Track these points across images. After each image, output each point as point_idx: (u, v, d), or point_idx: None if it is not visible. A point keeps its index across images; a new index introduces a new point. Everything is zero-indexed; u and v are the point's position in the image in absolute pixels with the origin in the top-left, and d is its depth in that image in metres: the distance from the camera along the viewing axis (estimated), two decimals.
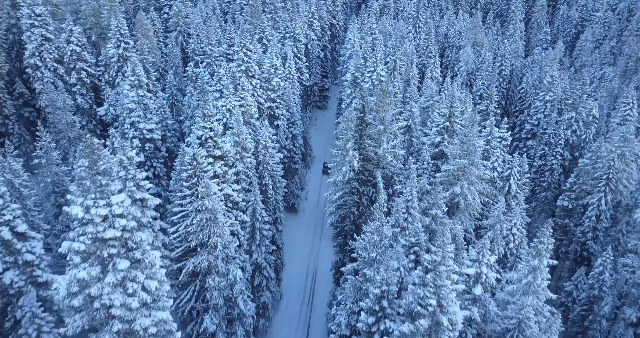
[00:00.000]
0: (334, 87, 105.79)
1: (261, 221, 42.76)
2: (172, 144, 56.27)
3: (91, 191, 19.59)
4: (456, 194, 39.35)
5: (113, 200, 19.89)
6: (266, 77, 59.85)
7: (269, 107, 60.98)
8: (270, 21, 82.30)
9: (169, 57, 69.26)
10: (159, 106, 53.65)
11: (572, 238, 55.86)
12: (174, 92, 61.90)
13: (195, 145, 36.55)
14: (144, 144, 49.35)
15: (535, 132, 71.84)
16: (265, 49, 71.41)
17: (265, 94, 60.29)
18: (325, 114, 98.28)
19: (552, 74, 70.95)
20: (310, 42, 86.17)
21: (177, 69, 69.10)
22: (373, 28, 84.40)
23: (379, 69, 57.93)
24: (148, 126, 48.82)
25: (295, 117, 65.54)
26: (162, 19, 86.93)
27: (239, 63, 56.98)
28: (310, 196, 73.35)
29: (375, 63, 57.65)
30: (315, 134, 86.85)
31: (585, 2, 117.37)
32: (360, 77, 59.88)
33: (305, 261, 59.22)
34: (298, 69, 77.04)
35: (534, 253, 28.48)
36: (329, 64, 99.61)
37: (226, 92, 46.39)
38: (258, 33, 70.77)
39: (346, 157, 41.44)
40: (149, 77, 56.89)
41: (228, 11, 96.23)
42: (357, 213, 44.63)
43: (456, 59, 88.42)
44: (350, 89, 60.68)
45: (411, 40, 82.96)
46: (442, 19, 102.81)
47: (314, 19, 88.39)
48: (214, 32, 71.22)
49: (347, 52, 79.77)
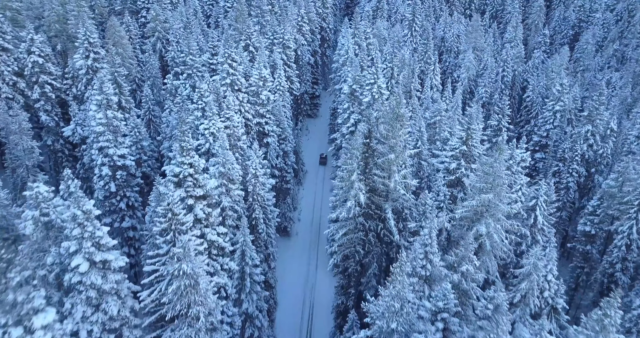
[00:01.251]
0: (325, 93, 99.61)
1: (251, 265, 36.35)
2: (149, 168, 49.50)
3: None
4: (481, 234, 33.35)
5: (35, 324, 13.33)
6: (254, 91, 53.30)
7: (257, 124, 54.48)
8: (257, 26, 75.66)
9: (146, 67, 62.27)
10: (133, 126, 46.82)
11: (594, 264, 50.45)
12: (151, 107, 55.02)
13: (172, 185, 29.97)
14: (115, 172, 42.53)
15: (545, 144, 66.22)
16: (252, 57, 64.76)
17: (254, 109, 53.77)
18: (316, 123, 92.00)
19: (562, 82, 65.38)
20: (300, 48, 79.68)
21: (156, 79, 62.20)
22: (367, 33, 78.15)
23: (380, 81, 51.70)
24: (119, 152, 42.01)
25: (286, 132, 59.09)
26: (140, 23, 79.80)
27: (223, 76, 50.34)
28: (304, 215, 67.05)
29: (375, 75, 51.39)
30: (306, 145, 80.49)
31: (582, 3, 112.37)
32: (358, 90, 53.59)
33: (300, 294, 52.83)
34: (288, 78, 70.58)
35: (598, 328, 22.58)
36: (319, 69, 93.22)
37: (209, 112, 39.75)
38: (244, 40, 64.09)
39: (351, 190, 35.16)
40: (122, 91, 49.98)
41: (211, 14, 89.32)
42: (363, 252, 38.41)
43: (455, 65, 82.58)
44: (347, 103, 54.36)
45: (408, 46, 76.87)
46: (438, 21, 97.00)
47: (304, 23, 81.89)
48: (195, 38, 64.34)
49: (340, 58, 73.45)
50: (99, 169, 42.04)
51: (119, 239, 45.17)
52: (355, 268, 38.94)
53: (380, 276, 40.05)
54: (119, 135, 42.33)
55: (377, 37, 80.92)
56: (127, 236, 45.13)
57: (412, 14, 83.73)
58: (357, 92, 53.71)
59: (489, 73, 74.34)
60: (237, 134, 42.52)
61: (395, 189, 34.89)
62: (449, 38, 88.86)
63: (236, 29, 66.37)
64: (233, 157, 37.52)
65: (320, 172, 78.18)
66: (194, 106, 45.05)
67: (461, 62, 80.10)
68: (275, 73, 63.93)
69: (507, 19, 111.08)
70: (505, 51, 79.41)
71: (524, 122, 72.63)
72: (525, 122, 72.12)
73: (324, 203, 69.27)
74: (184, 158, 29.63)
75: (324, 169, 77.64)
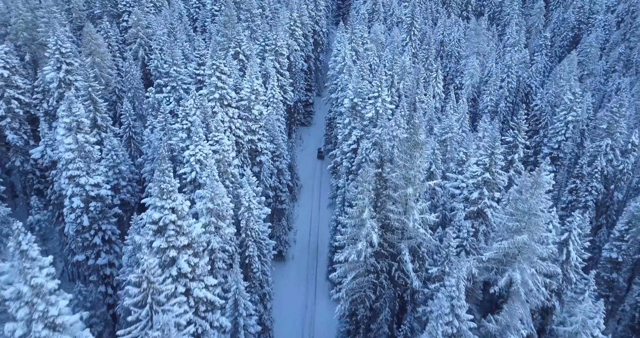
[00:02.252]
0: (318, 99, 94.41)
1: (246, 315, 31.14)
2: (129, 194, 43.97)
3: None
4: (514, 281, 28.41)
5: None
6: (246, 105, 47.91)
7: (249, 141, 49.12)
8: (247, 31, 70.19)
9: (127, 78, 56.52)
10: (110, 149, 41.22)
11: (619, 293, 46.01)
12: (131, 123, 49.43)
13: (150, 233, 24.59)
14: (88, 204, 36.96)
15: (556, 156, 61.65)
16: (242, 66, 59.33)
17: (245, 125, 48.40)
18: (310, 131, 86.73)
19: (574, 91, 60.78)
20: (292, 54, 74.32)
21: (137, 91, 56.51)
22: (364, 37, 73.05)
23: (384, 94, 46.62)
24: (93, 180, 36.44)
25: (280, 148, 53.84)
26: (121, 28, 73.91)
27: (211, 90, 44.90)
28: (300, 234, 61.86)
29: (379, 87, 46.27)
30: (300, 157, 75.21)
31: (582, 4, 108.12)
32: (360, 104, 48.44)
33: (298, 330, 47.58)
34: (281, 87, 65.21)
35: None
36: (312, 75, 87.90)
37: (195, 137, 34.31)
38: (233, 47, 58.57)
39: (362, 229, 29.99)
40: (97, 108, 44.31)
41: (197, 17, 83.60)
42: (374, 296, 33.28)
43: (456, 71, 77.72)
44: (348, 118, 49.15)
45: (408, 51, 71.77)
46: (435, 24, 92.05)
47: (296, 27, 76.48)
48: (180, 46, 58.78)
49: (336, 65, 68.20)
50: (69, 200, 36.45)
51: (95, 277, 39.68)
52: (365, 314, 33.80)
53: (392, 322, 35.03)
54: (92, 161, 36.73)
55: (375, 42, 75.90)
56: (103, 273, 39.58)
57: (410, 17, 78.72)
58: (358, 106, 48.56)
59: (494, 80, 69.59)
60: (227, 159, 37.14)
61: (414, 227, 29.79)
62: (448, 42, 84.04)
63: (225, 35, 60.83)
64: (223, 189, 32.19)
65: (317, 174, 73.30)
66: (178, 126, 39.62)
67: (463, 68, 75.28)
68: (268, 83, 58.62)
69: (505, 20, 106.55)
70: (510, 56, 74.72)
71: (532, 133, 67.85)
72: (533, 132, 67.37)
73: (321, 220, 64.22)
74: (164, 201, 24.27)
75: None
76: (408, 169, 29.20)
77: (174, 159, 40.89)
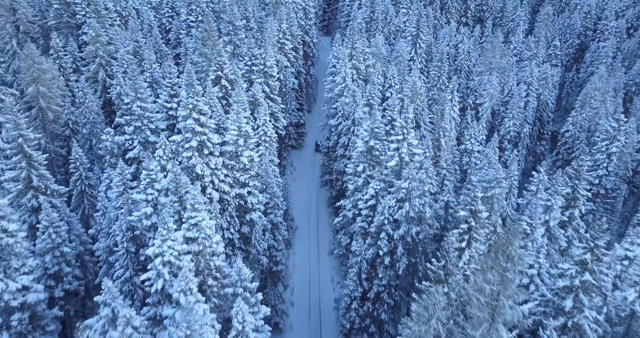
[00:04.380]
0: (309, 116, 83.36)
1: None
2: (77, 281, 32.27)
3: None
4: None
5: None
6: (232, 152, 36.58)
7: (238, 196, 37.81)
8: (229, 46, 58.57)
9: (82, 110, 44.51)
10: (47, 225, 29.46)
11: None
12: (83, 174, 37.72)
13: None
14: (10, 317, 25.31)
15: (597, 193, 51.78)
16: (225, 93, 47.91)
17: (232, 175, 37.09)
18: (301, 155, 75.56)
19: (618, 117, 50.87)
20: (283, 71, 63.01)
21: (95, 126, 44.60)
22: (366, 53, 62.09)
23: (411, 136, 35.77)
24: (14, 285, 24.77)
25: (275, 197, 42.66)
26: (80, 42, 61.48)
27: (187, 136, 33.43)
28: (298, 293, 50.74)
29: (404, 128, 35.40)
30: (293, 187, 63.80)
31: (589, 9, 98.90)
32: (378, 147, 37.51)
33: None
34: (272, 115, 53.97)
35: None
36: (303, 92, 76.65)
37: (162, 228, 22.89)
38: (214, 71, 47.02)
39: None
40: (33, 164, 32.42)
41: (171, 28, 71.53)
42: None
43: (468, 88, 67.28)
44: (362, 164, 38.15)
45: (416, 68, 60.86)
46: (436, 33, 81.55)
47: (286, 40, 65.06)
48: (148, 68, 46.93)
49: (335, 87, 56.99)
50: None
51: None
52: None
53: None
54: (16, 258, 25.07)
55: (376, 57, 65.01)
56: None
57: (415, 28, 67.94)
58: (375, 151, 37.60)
59: (517, 101, 59.32)
60: (211, 248, 25.78)
61: None
62: (455, 54, 73.71)
63: (203, 54, 49.19)
64: (203, 316, 20.97)
65: (312, 206, 62.82)
66: (141, 197, 28.17)
67: (477, 86, 64.87)
68: (257, 112, 47.32)
69: (509, 27, 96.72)
70: (529, 71, 64.66)
71: (563, 162, 57.90)
72: (564, 162, 57.36)
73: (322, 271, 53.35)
74: None
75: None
76: (492, 297, 18.34)
77: (135, 240, 29.43)
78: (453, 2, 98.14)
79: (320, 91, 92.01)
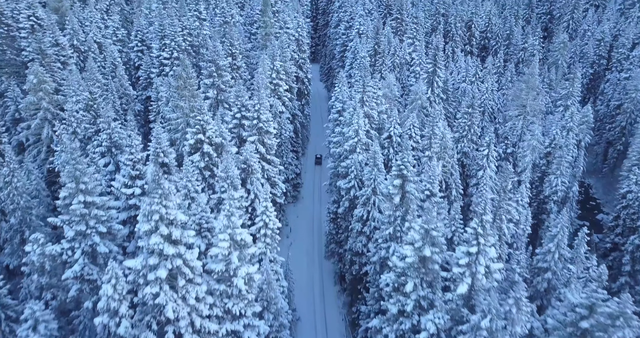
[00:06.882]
0: (303, 160, 71.53)
1: None
2: None
3: None
4: None
5: None
6: (222, 272, 24.02)
7: (230, 333, 25.16)
8: (212, 90, 46.24)
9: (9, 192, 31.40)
10: None
11: None
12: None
13: None
14: None
15: None
16: (208, 163, 35.43)
17: (222, 306, 24.48)
18: (297, 210, 63.48)
19: None
20: (277, 118, 50.88)
21: (26, 213, 31.52)
22: (378, 96, 50.44)
23: (488, 246, 23.78)
24: None
25: (280, 316, 30.12)
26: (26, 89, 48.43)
27: (152, 264, 20.84)
28: None
29: (478, 234, 23.41)
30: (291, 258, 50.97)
31: (602, 37, 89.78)
32: (435, 255, 25.34)
33: None
34: (269, 180, 41.64)
35: None
36: (299, 138, 64.59)
37: None
38: (194, 133, 34.45)
39: None
40: None
41: (141, 65, 58.92)
42: None
43: (497, 135, 55.93)
44: (412, 281, 25.75)
45: (440, 114, 49.11)
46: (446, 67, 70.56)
47: (279, 80, 53.01)
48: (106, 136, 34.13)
49: (346, 142, 44.70)
50: None
51: None
52: None
53: None
54: None
55: (389, 100, 53.52)
56: None
57: (432, 64, 56.65)
58: (434, 263, 25.39)
59: (564, 153, 48.11)
60: None
61: None
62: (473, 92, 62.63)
63: (179, 108, 36.75)
64: None
65: (316, 280, 50.57)
66: None
67: (508, 132, 53.63)
68: (250, 182, 35.04)
69: (520, 56, 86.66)
70: (570, 114, 53.75)
71: (628, 232, 46.28)
72: (629, 230, 45.81)
73: None
74: None
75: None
76: None
77: None
78: (457, 29, 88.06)
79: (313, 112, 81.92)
